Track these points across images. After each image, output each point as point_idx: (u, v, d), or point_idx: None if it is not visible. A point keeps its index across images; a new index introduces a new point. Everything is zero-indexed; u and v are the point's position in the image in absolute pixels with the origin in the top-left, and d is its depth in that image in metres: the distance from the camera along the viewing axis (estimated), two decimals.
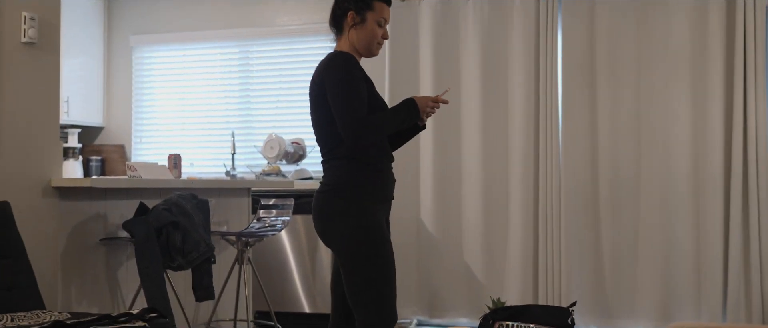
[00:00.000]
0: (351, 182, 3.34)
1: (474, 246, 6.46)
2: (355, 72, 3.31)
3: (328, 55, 3.38)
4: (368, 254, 3.27)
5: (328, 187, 3.35)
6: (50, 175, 4.35)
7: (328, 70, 3.31)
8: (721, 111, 5.94)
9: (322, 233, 3.36)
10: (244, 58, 7.47)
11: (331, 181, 3.35)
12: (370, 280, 3.27)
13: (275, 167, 6.86)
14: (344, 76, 3.28)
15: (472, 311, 6.38)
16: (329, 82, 3.29)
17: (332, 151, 3.37)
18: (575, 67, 6.25)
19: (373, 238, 3.29)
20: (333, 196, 3.33)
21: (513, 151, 6.37)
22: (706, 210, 5.97)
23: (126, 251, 4.68)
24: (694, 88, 6.01)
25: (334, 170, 3.37)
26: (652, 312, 6.08)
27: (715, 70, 5.95)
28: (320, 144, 3.41)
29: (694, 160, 6.01)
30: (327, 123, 3.33)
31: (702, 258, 5.98)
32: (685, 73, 6.03)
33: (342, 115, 3.25)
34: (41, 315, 3.63)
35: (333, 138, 3.34)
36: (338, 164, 3.36)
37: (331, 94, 3.27)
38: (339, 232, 3.31)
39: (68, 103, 7.12)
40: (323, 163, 3.42)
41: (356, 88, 3.28)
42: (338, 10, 3.45)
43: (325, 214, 3.33)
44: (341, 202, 3.32)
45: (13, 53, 4.24)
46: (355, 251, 3.28)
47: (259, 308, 6.05)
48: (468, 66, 6.48)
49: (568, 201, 6.21)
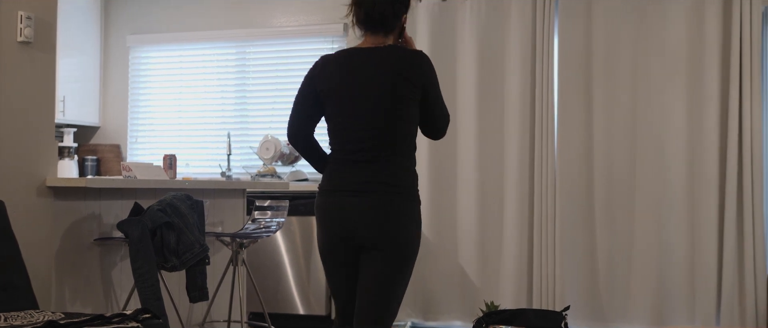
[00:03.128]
0: (414, 184, 3.35)
1: (468, 249, 6.46)
2: None
3: (412, 52, 3.32)
4: (415, 256, 3.34)
5: (397, 188, 3.28)
6: (45, 174, 4.35)
7: (429, 68, 3.30)
8: (717, 114, 5.94)
9: (379, 231, 3.24)
10: (241, 59, 7.47)
11: (400, 182, 3.29)
12: (407, 280, 3.32)
13: (271, 169, 6.86)
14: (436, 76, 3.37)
15: (466, 314, 6.39)
16: (431, 81, 3.30)
17: (389, 148, 3.29)
18: (571, 68, 6.26)
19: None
20: (406, 199, 3.30)
21: (508, 153, 6.37)
22: (700, 213, 5.98)
23: (120, 251, 4.68)
24: (689, 91, 6.02)
25: (397, 167, 3.30)
26: (646, 316, 6.08)
27: (710, 73, 5.96)
28: (388, 137, 3.28)
29: (690, 164, 6.02)
30: (407, 119, 3.29)
31: (696, 262, 5.99)
32: (681, 76, 6.04)
33: (446, 112, 3.40)
34: (35, 315, 3.63)
35: (402, 133, 3.30)
36: (400, 162, 3.31)
37: (435, 93, 3.31)
38: (406, 233, 3.27)
39: (64, 103, 7.11)
40: (375, 160, 3.29)
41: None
42: (392, 10, 3.35)
43: (391, 213, 3.26)
44: (412, 205, 3.31)
45: (9, 52, 4.24)
46: (412, 254, 3.29)
47: (253, 309, 6.05)
48: (464, 67, 6.49)
49: (562, 204, 6.21)
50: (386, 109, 3.25)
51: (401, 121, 3.27)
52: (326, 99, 3.34)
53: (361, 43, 3.40)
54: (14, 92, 4.26)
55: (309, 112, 3.39)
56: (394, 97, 3.24)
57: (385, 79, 3.25)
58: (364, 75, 3.28)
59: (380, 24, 3.33)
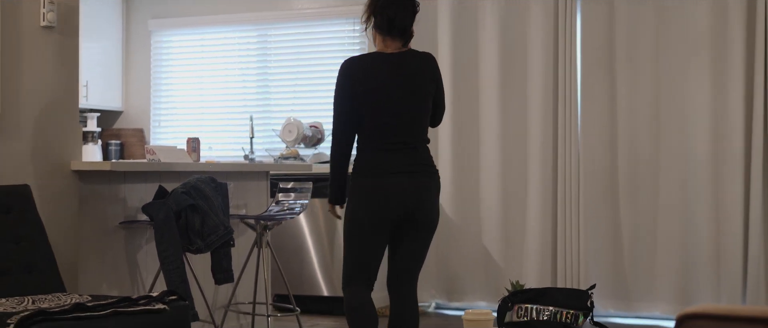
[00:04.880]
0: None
1: (492, 230, 6.45)
2: None
3: (428, 54, 3.86)
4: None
5: (434, 169, 3.82)
6: (70, 158, 4.37)
7: (438, 68, 3.87)
8: (742, 95, 5.89)
9: (432, 209, 3.79)
10: (263, 42, 7.47)
11: (432, 164, 3.82)
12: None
13: (293, 151, 6.86)
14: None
15: (490, 295, 6.38)
16: (441, 80, 3.86)
17: (422, 137, 3.81)
18: (594, 51, 6.22)
19: None
20: (437, 178, 3.83)
21: (531, 133, 6.35)
22: (725, 192, 5.94)
23: (145, 234, 4.70)
24: (713, 72, 5.97)
25: (427, 154, 3.81)
26: (671, 295, 6.06)
27: (735, 54, 5.91)
28: (419, 127, 3.80)
29: (714, 143, 5.97)
30: (429, 111, 3.82)
31: (721, 241, 5.95)
32: (705, 53, 5.99)
33: (445, 107, 3.97)
34: (62, 298, 3.65)
35: (427, 124, 3.84)
36: (427, 148, 3.82)
37: (441, 90, 3.87)
38: (437, 208, 3.83)
39: (87, 88, 7.14)
40: (420, 146, 3.79)
41: None
42: (412, 21, 3.81)
43: (436, 192, 3.82)
44: (439, 182, 3.85)
45: (33, 37, 4.26)
46: (436, 226, 3.86)
47: (278, 292, 6.07)
48: (486, 51, 6.46)
49: (586, 185, 6.19)
50: (420, 105, 3.78)
51: (427, 114, 3.82)
52: (364, 96, 3.73)
53: (383, 47, 3.81)
54: (38, 77, 4.28)
55: (353, 117, 3.78)
56: (426, 95, 3.79)
57: (418, 80, 3.78)
58: (402, 77, 3.76)
59: (401, 32, 3.77)
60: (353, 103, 3.75)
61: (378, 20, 3.76)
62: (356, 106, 3.75)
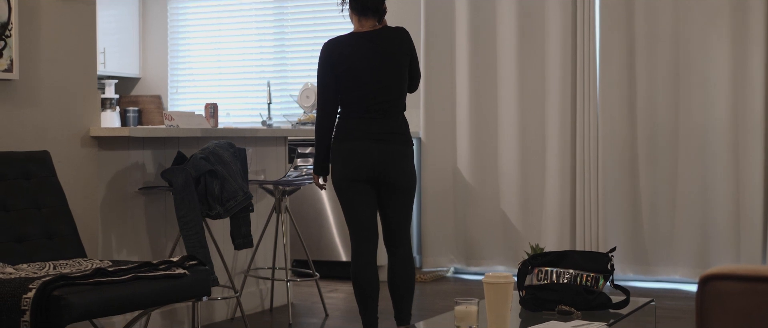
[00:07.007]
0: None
1: (510, 194, 6.45)
2: None
3: (400, 29, 4.26)
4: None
5: (407, 137, 4.21)
6: (89, 125, 4.38)
7: (412, 41, 4.27)
8: (762, 58, 5.84)
9: (401, 173, 4.17)
10: (279, 7, 7.44)
11: (406, 130, 4.22)
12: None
13: (311, 116, 6.86)
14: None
15: (509, 259, 6.39)
16: (414, 51, 4.29)
17: (400, 105, 4.23)
18: (613, 15, 6.17)
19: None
20: (410, 142, 4.24)
21: (550, 97, 6.32)
22: (745, 155, 5.90)
23: (165, 199, 4.72)
24: (733, 37, 5.91)
25: (403, 120, 4.24)
26: (690, 259, 6.05)
27: (755, 15, 5.84)
28: (395, 97, 4.20)
29: (733, 106, 5.93)
30: (403, 83, 4.23)
31: (741, 204, 5.92)
32: (724, 18, 5.93)
33: (420, 75, 4.46)
34: (83, 263, 3.67)
35: (404, 94, 4.26)
36: (403, 117, 4.25)
37: (416, 59, 4.30)
38: (414, 172, 4.26)
39: (105, 55, 7.14)
40: (394, 113, 4.19)
41: None
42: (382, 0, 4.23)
43: (410, 156, 4.23)
44: (412, 148, 4.26)
45: (50, 5, 4.26)
46: (414, 188, 4.28)
47: (297, 257, 6.09)
48: (504, 16, 6.42)
49: (605, 148, 6.17)
50: (396, 77, 4.20)
51: (404, 84, 4.24)
52: (344, 74, 4.14)
53: (358, 27, 4.22)
54: (55, 44, 4.28)
55: (335, 94, 4.18)
56: (401, 67, 4.21)
57: (393, 54, 4.20)
58: (378, 53, 4.17)
59: (374, 12, 4.18)
60: (334, 81, 4.15)
61: (352, 2, 4.20)
62: (337, 84, 4.15)
